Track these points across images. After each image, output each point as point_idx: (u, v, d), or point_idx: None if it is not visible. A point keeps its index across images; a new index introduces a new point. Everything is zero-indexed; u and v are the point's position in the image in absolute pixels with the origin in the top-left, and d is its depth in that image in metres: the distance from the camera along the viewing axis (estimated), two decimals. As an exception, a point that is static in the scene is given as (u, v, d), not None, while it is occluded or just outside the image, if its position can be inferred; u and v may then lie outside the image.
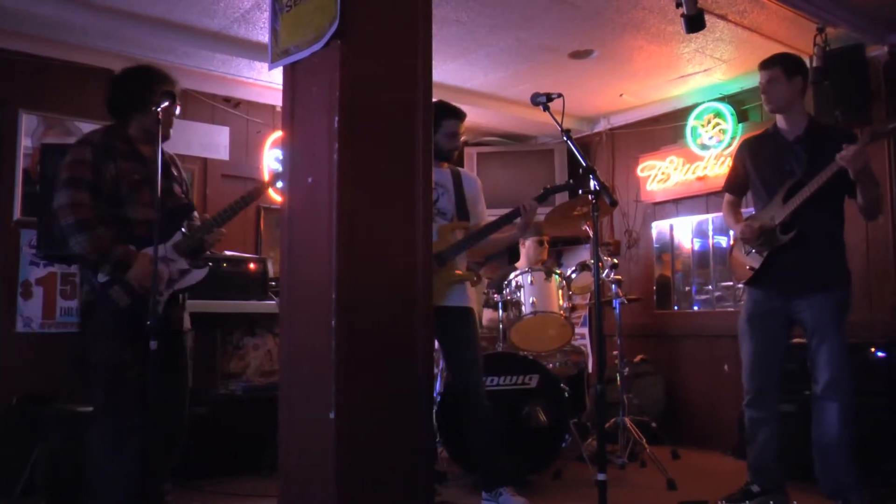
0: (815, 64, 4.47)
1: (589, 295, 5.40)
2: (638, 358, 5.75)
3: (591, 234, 2.89)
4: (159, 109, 3.01)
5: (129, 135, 3.19)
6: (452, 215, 3.83)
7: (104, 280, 3.02)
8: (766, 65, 3.52)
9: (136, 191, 3.11)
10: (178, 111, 3.28)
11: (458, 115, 3.88)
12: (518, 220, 3.75)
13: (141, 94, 3.14)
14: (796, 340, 3.60)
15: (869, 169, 3.24)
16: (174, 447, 3.26)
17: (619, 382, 4.74)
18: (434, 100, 3.82)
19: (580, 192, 3.47)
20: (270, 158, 5.59)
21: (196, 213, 3.38)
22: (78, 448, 3.41)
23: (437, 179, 3.79)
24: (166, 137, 3.22)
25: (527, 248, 5.33)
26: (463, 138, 3.96)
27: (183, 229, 3.21)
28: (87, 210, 3.00)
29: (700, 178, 5.67)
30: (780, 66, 3.47)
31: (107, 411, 3.02)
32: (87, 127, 4.79)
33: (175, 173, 3.36)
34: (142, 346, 2.99)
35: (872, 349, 4.06)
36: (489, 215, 3.97)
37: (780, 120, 3.55)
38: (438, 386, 4.40)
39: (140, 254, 3.05)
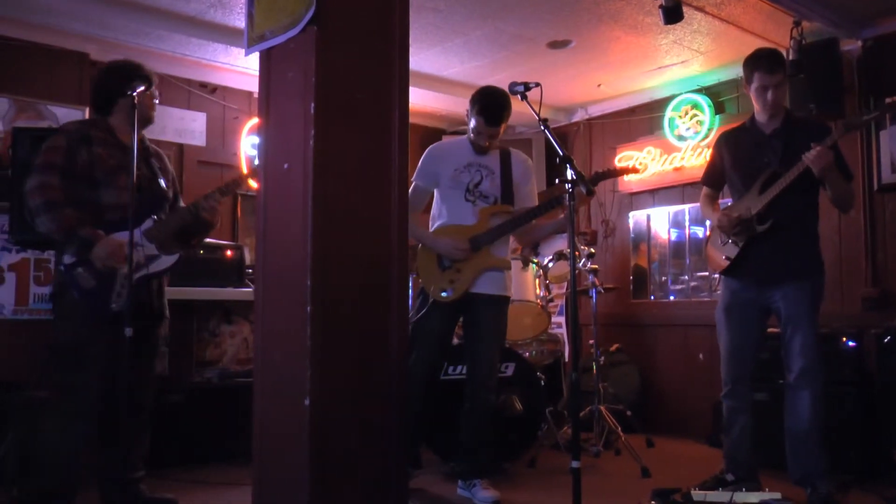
0: (791, 57, 4.50)
1: (565, 284, 5.42)
2: (613, 347, 5.78)
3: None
4: (135, 94, 3.04)
5: (109, 125, 3.26)
6: (496, 198, 3.70)
7: (70, 261, 3.06)
8: (775, 67, 3.42)
9: (112, 175, 3.16)
10: (157, 98, 3.38)
11: (488, 116, 3.60)
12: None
13: (122, 83, 3.18)
14: (770, 330, 3.64)
15: (833, 167, 3.28)
16: (142, 433, 3.29)
17: (594, 371, 4.77)
18: (482, 87, 3.72)
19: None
20: (247, 145, 5.54)
21: (182, 204, 3.45)
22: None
23: (481, 161, 3.71)
24: (150, 121, 3.36)
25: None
26: (500, 136, 3.74)
27: (154, 217, 3.24)
28: (56, 192, 3.04)
29: (677, 169, 5.70)
30: (783, 68, 3.47)
31: (61, 391, 3.06)
32: (59, 110, 4.74)
33: (158, 165, 3.42)
34: (107, 329, 3.03)
35: (843, 339, 4.11)
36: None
37: (758, 113, 3.57)
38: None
39: (105, 236, 3.07)
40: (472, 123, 3.68)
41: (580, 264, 4.78)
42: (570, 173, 2.76)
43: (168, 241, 3.25)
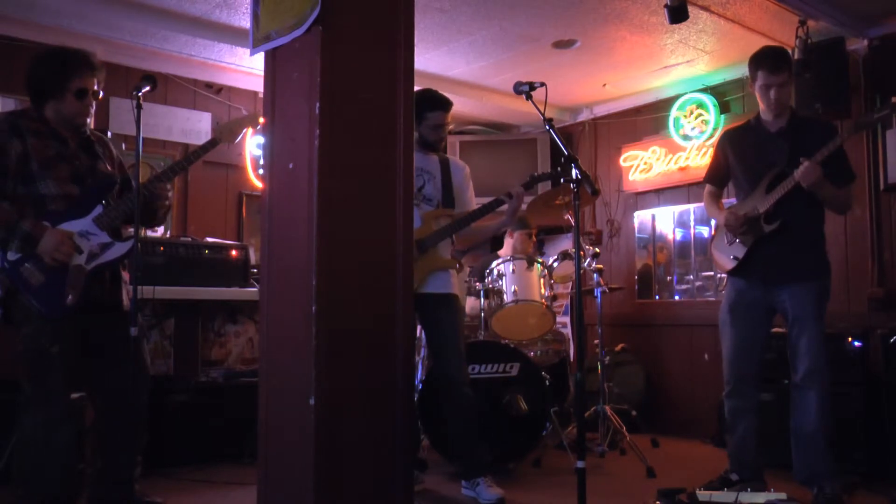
0: (796, 56, 4.49)
1: (571, 284, 5.41)
2: (619, 347, 5.78)
3: (572, 223, 2.89)
4: (140, 94, 2.99)
5: (44, 116, 3.06)
6: (438, 202, 3.81)
7: (14, 258, 2.88)
8: (779, 66, 3.42)
9: (50, 167, 2.98)
10: (101, 95, 3.15)
11: (444, 105, 3.82)
12: (505, 207, 3.75)
13: (55, 80, 3.01)
14: (775, 330, 3.63)
15: (823, 182, 3.30)
16: (134, 434, 3.13)
17: (599, 371, 4.76)
18: (418, 88, 3.84)
19: (562, 180, 3.48)
20: (252, 145, 5.56)
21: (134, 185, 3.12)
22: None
23: (423, 166, 3.79)
24: (86, 116, 3.12)
25: (514, 239, 5.34)
26: (450, 127, 3.92)
27: (103, 203, 3.04)
28: None
29: (682, 169, 5.69)
30: (788, 68, 3.47)
31: (38, 401, 2.89)
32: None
33: (100, 150, 3.20)
34: (67, 327, 2.91)
35: (849, 339, 4.11)
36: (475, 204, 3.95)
37: (763, 112, 3.56)
38: (420, 374, 4.42)
39: (51, 228, 2.91)
40: (429, 122, 3.79)
41: (585, 264, 4.78)
42: (575, 173, 2.76)
43: (120, 227, 3.07)
